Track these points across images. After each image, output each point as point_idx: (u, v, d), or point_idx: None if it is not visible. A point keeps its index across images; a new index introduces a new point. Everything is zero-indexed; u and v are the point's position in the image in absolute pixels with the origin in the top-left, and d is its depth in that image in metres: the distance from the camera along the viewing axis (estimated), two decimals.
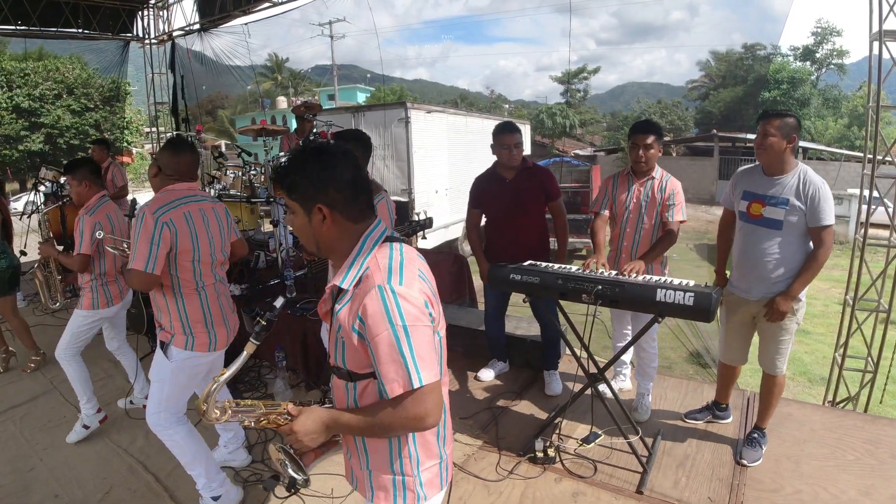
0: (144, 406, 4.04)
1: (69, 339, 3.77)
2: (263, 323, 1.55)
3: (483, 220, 4.23)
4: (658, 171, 3.61)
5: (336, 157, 1.56)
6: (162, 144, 3.01)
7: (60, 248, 4.14)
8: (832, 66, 37.00)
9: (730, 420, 3.63)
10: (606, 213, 3.77)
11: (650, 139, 3.51)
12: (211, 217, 2.93)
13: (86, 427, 3.82)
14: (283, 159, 5.13)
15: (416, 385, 1.41)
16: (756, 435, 3.29)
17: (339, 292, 1.55)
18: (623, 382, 4.12)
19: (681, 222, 3.58)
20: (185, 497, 3.08)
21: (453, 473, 1.78)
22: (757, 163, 3.18)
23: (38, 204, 5.63)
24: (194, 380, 2.93)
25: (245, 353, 1.55)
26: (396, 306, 1.42)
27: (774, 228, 3.03)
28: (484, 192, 4.12)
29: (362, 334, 1.46)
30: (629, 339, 3.71)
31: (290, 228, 1.64)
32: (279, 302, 1.62)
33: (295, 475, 1.59)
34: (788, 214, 2.96)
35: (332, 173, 1.53)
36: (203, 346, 2.87)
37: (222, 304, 2.99)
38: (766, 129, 2.96)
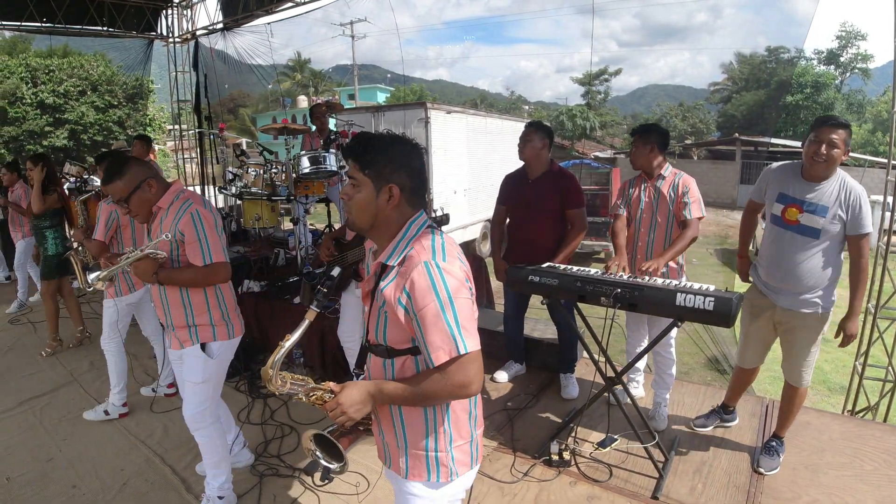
0: (167, 395, 4.14)
1: (107, 329, 3.97)
2: (325, 290, 1.66)
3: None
4: (668, 171, 3.61)
5: (413, 146, 1.69)
6: (111, 164, 2.68)
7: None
8: (856, 71, 36.52)
9: (735, 422, 3.60)
10: (624, 213, 3.75)
11: (636, 140, 3.64)
12: None
13: (107, 413, 3.95)
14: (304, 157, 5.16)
15: (462, 351, 1.50)
16: (774, 443, 3.25)
17: (382, 270, 1.66)
18: (636, 390, 4.08)
19: (699, 219, 3.53)
20: (200, 489, 3.10)
21: (483, 454, 1.83)
22: (793, 161, 3.10)
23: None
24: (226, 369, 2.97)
25: (307, 320, 1.66)
26: (442, 279, 1.52)
27: (811, 237, 2.94)
28: (508, 190, 4.19)
29: (408, 308, 1.54)
30: (645, 345, 3.66)
31: (344, 201, 1.68)
32: (335, 271, 1.76)
33: (328, 464, 1.68)
34: (829, 223, 2.88)
35: (409, 159, 1.65)
36: (239, 330, 2.92)
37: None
38: (832, 140, 2.79)
